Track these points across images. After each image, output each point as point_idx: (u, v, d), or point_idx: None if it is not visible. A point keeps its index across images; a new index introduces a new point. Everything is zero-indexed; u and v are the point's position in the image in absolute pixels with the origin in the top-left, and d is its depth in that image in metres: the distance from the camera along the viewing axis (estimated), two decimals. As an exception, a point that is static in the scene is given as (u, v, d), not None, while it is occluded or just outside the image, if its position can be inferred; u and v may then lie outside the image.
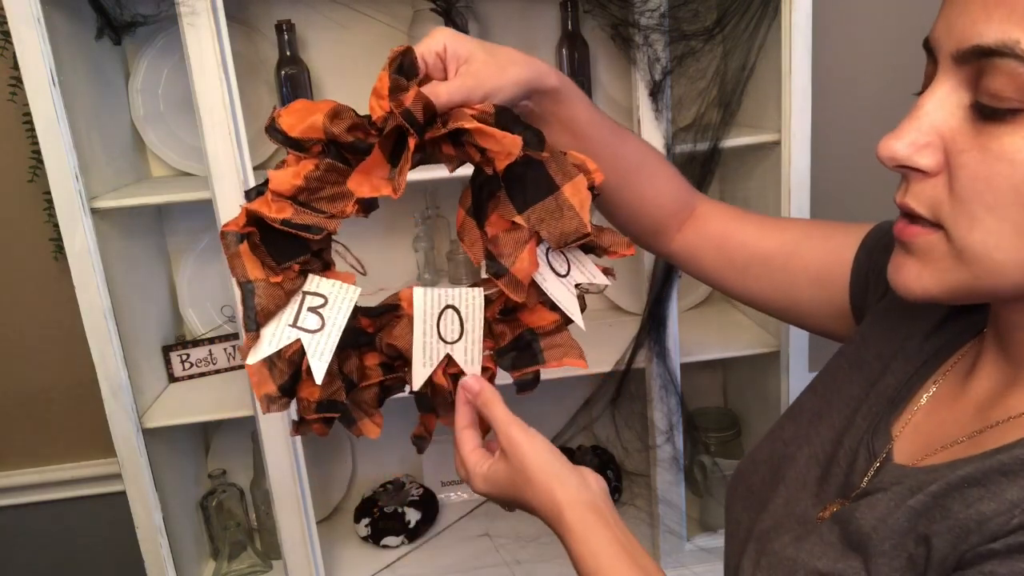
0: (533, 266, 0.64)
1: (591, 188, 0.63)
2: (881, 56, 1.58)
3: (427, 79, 0.63)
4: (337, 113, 0.59)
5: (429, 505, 1.60)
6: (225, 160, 1.17)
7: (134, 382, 1.30)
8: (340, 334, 0.63)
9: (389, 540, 1.53)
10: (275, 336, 0.62)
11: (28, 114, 1.16)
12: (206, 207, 1.22)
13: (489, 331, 0.68)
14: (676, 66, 1.26)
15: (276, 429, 1.31)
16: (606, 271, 0.68)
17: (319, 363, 0.62)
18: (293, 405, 0.64)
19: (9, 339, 1.56)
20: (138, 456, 1.31)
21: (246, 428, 1.44)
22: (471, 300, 0.67)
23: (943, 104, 0.48)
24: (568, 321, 0.68)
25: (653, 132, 1.26)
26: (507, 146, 0.59)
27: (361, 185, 0.61)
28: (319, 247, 0.63)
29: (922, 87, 0.51)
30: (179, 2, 1.10)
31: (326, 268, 0.65)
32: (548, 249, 0.65)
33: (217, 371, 1.50)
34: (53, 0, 1.14)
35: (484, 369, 0.67)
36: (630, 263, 1.44)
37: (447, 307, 0.66)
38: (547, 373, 0.68)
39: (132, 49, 1.40)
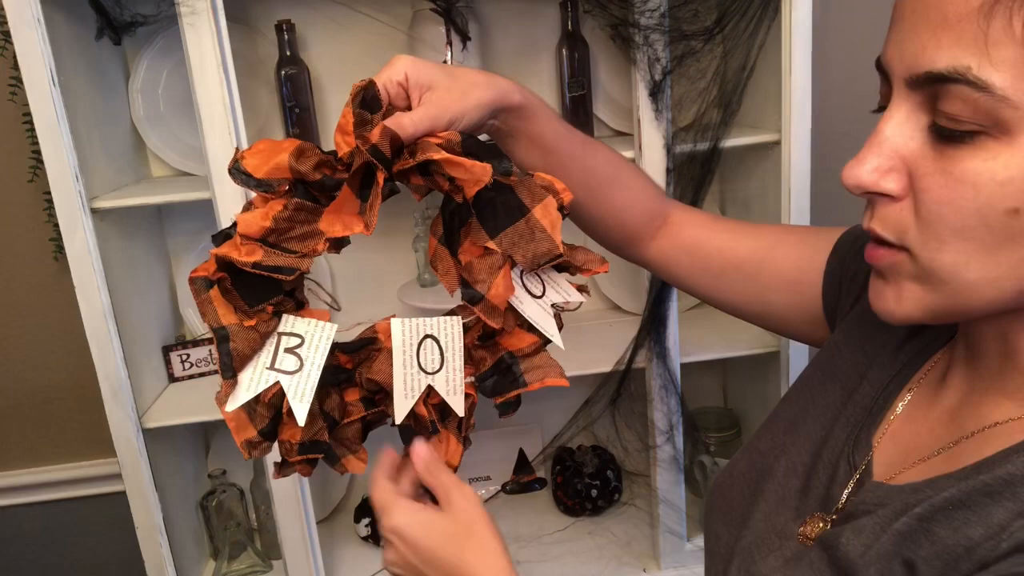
0: (509, 291, 0.63)
1: (560, 208, 0.63)
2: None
3: (391, 109, 0.63)
4: (302, 152, 0.59)
5: (429, 505, 1.60)
6: (225, 160, 1.17)
7: (134, 382, 1.30)
8: (319, 373, 0.61)
9: (389, 540, 1.53)
10: (253, 381, 0.61)
11: (28, 114, 1.16)
12: (206, 207, 1.22)
13: (469, 357, 0.67)
14: (676, 66, 1.26)
15: (276, 429, 1.31)
16: (580, 288, 0.68)
17: (300, 405, 0.61)
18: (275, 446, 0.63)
19: (9, 339, 1.56)
20: (138, 456, 1.31)
21: (246, 428, 1.44)
22: (450, 329, 0.66)
23: (902, 127, 0.48)
24: (547, 341, 0.68)
25: (653, 132, 1.25)
26: (477, 174, 0.59)
27: (333, 225, 0.60)
28: (291, 287, 0.62)
29: (878, 106, 0.51)
30: (179, 2, 1.10)
31: (300, 307, 0.64)
32: (522, 272, 0.65)
33: (217, 371, 1.50)
34: (53, 0, 1.14)
35: (466, 396, 0.67)
36: (630, 264, 1.44)
37: (426, 337, 0.66)
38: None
39: (132, 49, 1.40)
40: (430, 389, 0.65)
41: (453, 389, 0.66)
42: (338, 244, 0.62)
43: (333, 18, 1.42)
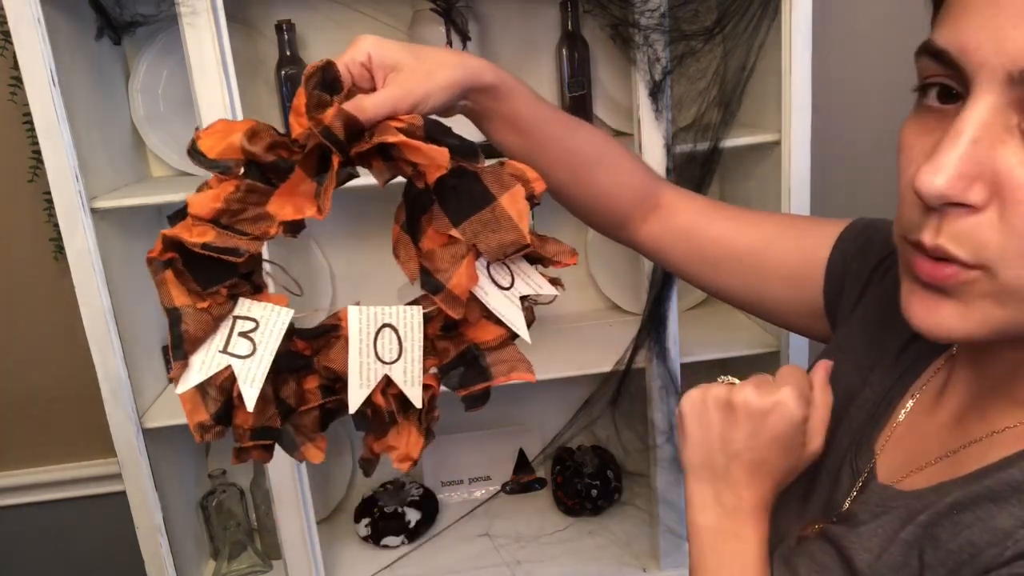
0: (471, 280, 0.62)
1: (530, 198, 0.61)
2: (881, 56, 1.58)
3: (354, 91, 0.61)
4: (255, 132, 0.58)
5: (429, 505, 1.60)
6: (225, 160, 1.17)
7: (134, 382, 1.30)
8: (272, 358, 0.60)
9: (389, 540, 1.53)
10: (204, 363, 0.60)
11: (28, 114, 1.16)
12: (206, 207, 1.22)
13: (432, 348, 0.66)
14: (676, 66, 1.26)
15: (276, 429, 1.31)
16: (553, 281, 0.66)
17: (250, 389, 0.60)
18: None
19: (9, 339, 1.56)
20: (138, 456, 1.31)
21: (246, 428, 1.44)
22: (409, 318, 0.64)
23: (990, 129, 0.42)
24: (515, 335, 0.66)
25: (653, 132, 1.25)
26: (435, 158, 0.57)
27: (283, 207, 0.59)
28: (247, 269, 0.61)
29: (920, 88, 0.48)
30: (179, 2, 1.10)
31: (257, 291, 0.63)
32: (489, 263, 0.63)
33: (217, 371, 1.50)
34: (53, 0, 1.14)
35: (426, 387, 0.65)
36: (630, 263, 1.44)
37: (384, 326, 0.64)
38: (546, 373, 0.67)
39: (132, 49, 1.40)
40: (389, 379, 0.64)
41: (411, 380, 0.65)
42: (294, 228, 0.61)
43: (333, 18, 1.42)
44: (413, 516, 1.55)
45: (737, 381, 0.60)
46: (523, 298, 0.66)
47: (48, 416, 1.61)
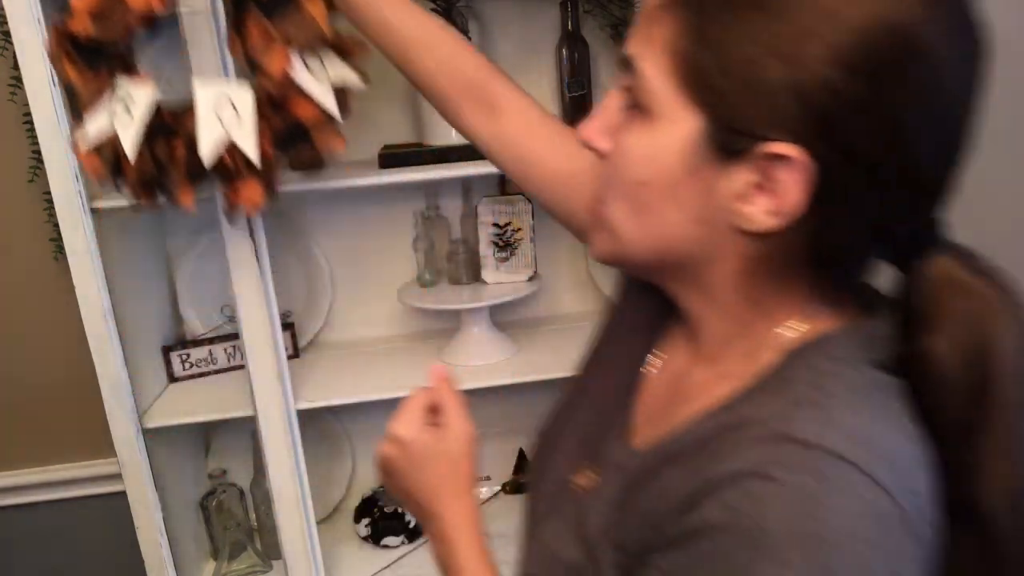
0: (284, 62, 0.87)
1: (329, 3, 0.86)
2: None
3: None
4: None
5: (429, 505, 1.60)
6: (225, 160, 1.17)
7: (134, 382, 1.30)
8: (144, 123, 0.87)
9: (389, 540, 1.53)
10: (95, 125, 0.86)
11: (28, 114, 1.16)
12: (206, 207, 1.22)
13: (266, 121, 0.91)
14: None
15: (276, 429, 1.31)
16: (358, 71, 0.95)
17: (130, 145, 0.87)
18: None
19: (9, 339, 1.56)
20: (138, 456, 1.31)
21: (246, 428, 1.44)
22: (244, 95, 0.91)
23: (614, 100, 0.56)
24: (333, 116, 0.93)
25: (653, 132, 1.25)
26: None
27: (136, 2, 0.84)
28: (123, 54, 0.86)
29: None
30: (179, 2, 1.10)
31: (132, 72, 0.90)
32: (302, 53, 0.88)
33: (217, 371, 1.50)
34: (53, 0, 1.14)
35: (264, 159, 0.91)
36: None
37: (226, 100, 0.90)
38: (546, 373, 0.69)
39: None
40: (234, 144, 0.90)
41: (249, 144, 0.90)
42: (149, 23, 0.87)
43: (333, 18, 1.42)
44: (413, 516, 1.56)
45: None
46: (340, 91, 0.93)
47: (48, 416, 1.61)
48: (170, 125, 0.92)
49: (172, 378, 1.47)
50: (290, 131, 0.93)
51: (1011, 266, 0.55)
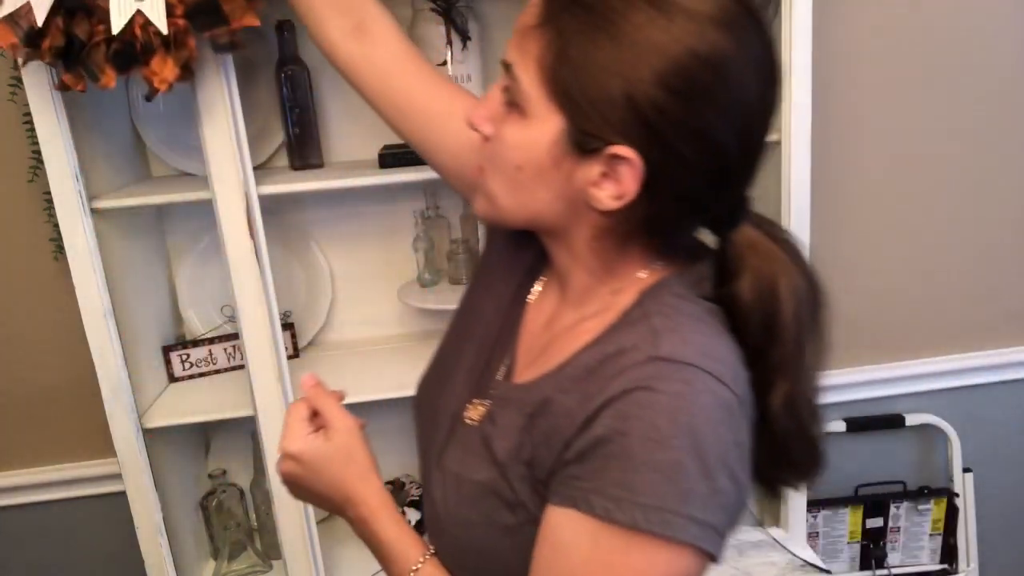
0: None
1: None
2: (881, 55, 1.58)
3: None
4: None
5: (429, 505, 1.60)
6: (225, 160, 1.17)
7: (134, 382, 1.30)
8: None
9: (389, 540, 1.53)
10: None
11: (28, 114, 1.16)
12: (206, 207, 1.22)
13: None
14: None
15: (277, 429, 1.31)
16: None
17: (40, 12, 0.94)
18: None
19: (9, 339, 1.56)
20: (138, 456, 1.31)
21: (246, 428, 1.44)
22: None
23: (496, 94, 0.67)
24: None
25: (653, 132, 1.25)
26: None
27: None
28: None
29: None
30: (179, 2, 1.10)
31: None
32: None
33: (217, 371, 1.50)
34: (53, 0, 1.14)
35: (177, 33, 0.97)
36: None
37: None
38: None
39: (132, 49, 1.40)
40: (146, 19, 0.96)
41: (158, 15, 0.95)
42: None
43: (333, 18, 1.42)
44: (413, 516, 1.55)
45: None
46: None
47: (48, 416, 1.61)
48: (89, 5, 0.96)
49: (172, 378, 1.47)
50: (201, 4, 0.96)
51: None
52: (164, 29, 0.97)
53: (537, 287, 0.79)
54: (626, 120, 0.59)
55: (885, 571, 1.83)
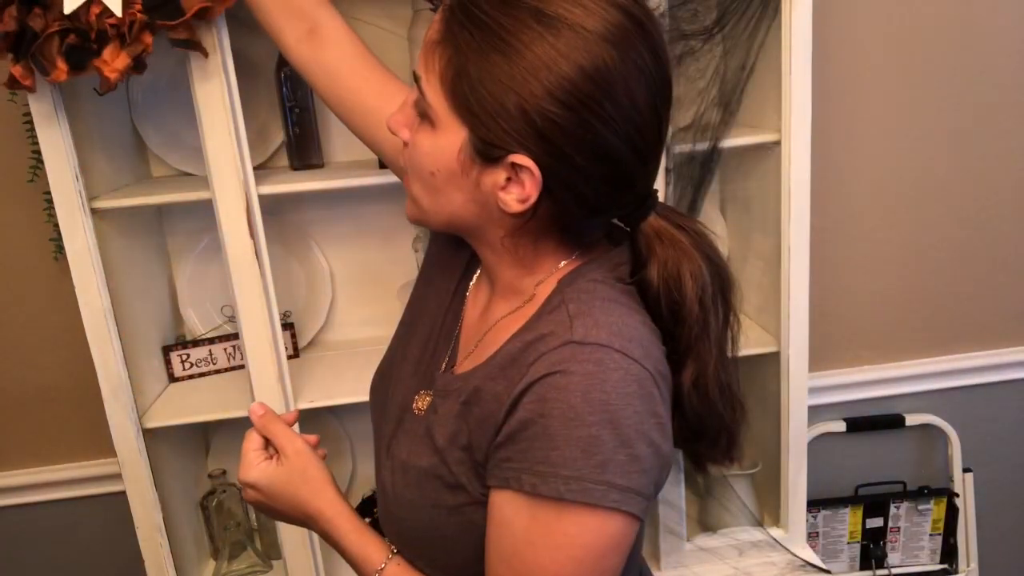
0: None
1: None
2: (881, 55, 1.58)
3: None
4: None
5: (429, 505, 1.60)
6: (225, 160, 1.17)
7: (134, 382, 1.30)
8: None
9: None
10: None
11: (28, 114, 1.16)
12: (206, 207, 1.22)
13: None
14: (676, 66, 1.26)
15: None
16: None
17: None
18: None
19: (9, 339, 1.56)
20: (138, 456, 1.31)
21: (246, 428, 1.44)
22: None
23: (411, 104, 0.71)
24: None
25: (653, 132, 1.25)
26: None
27: None
28: None
29: None
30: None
31: None
32: None
33: (217, 371, 1.50)
34: (53, 0, 1.14)
35: (132, 23, 0.97)
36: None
37: None
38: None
39: (132, 49, 1.40)
40: (104, 7, 0.96)
41: (114, 2, 0.96)
42: None
43: (333, 18, 1.42)
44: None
45: None
46: None
47: (48, 416, 1.61)
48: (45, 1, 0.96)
49: (172, 378, 1.47)
50: None
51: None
52: (119, 12, 0.96)
53: (473, 281, 0.85)
54: (522, 131, 0.63)
55: (885, 571, 1.83)
